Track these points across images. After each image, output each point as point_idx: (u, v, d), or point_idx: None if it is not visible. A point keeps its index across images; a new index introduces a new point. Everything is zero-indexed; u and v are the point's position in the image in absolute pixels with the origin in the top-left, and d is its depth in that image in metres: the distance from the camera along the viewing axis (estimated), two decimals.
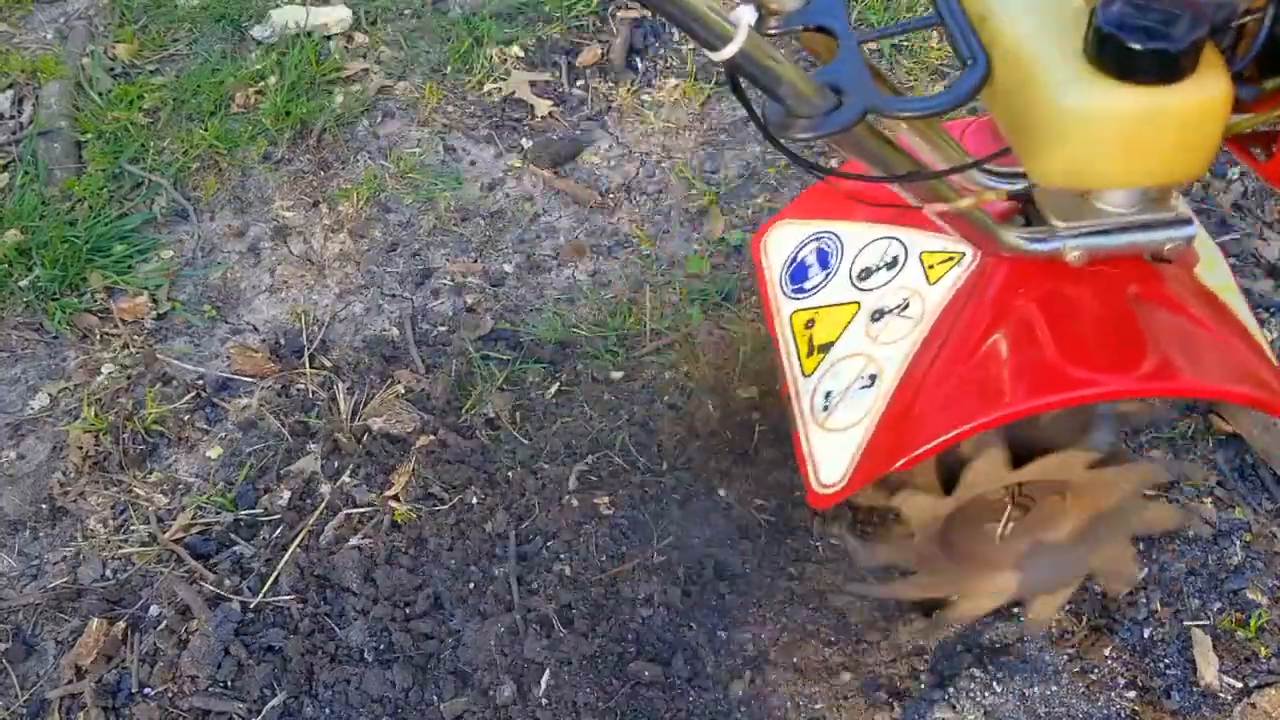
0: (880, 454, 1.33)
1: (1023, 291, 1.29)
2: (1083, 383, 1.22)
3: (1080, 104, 1.02)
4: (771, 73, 0.92)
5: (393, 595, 1.77)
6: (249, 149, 2.46)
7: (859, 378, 1.41)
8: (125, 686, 1.70)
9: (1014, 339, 1.27)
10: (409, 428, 1.96)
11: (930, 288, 1.40)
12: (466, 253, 2.29)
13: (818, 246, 1.59)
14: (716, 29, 0.87)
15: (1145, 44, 0.97)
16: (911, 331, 1.38)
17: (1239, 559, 1.83)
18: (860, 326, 1.46)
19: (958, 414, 1.26)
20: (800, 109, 0.96)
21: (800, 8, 1.10)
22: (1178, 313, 1.29)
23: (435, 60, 2.67)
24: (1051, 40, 1.04)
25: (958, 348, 1.31)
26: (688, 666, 1.70)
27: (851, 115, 0.96)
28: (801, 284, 1.58)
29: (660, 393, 2.01)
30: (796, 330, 1.54)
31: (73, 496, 1.92)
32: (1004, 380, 1.26)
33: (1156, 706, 1.68)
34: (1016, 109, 1.09)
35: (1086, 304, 1.28)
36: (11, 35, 2.76)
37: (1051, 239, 1.23)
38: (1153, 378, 1.22)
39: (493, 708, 1.66)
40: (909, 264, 1.45)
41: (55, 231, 2.24)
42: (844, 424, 1.39)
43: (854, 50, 1.04)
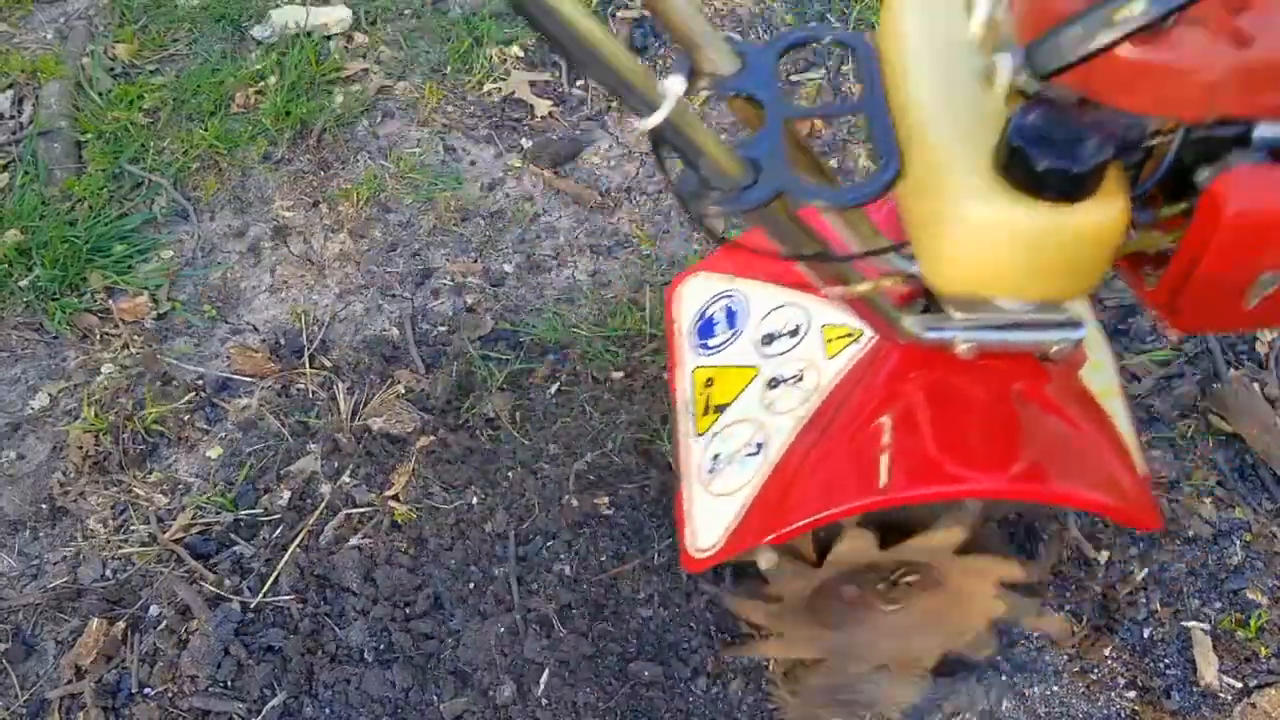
0: (755, 526, 1.34)
1: (911, 378, 1.31)
2: (955, 479, 1.24)
3: (983, 215, 1.01)
4: (693, 144, 0.93)
5: (393, 595, 1.77)
6: (249, 149, 2.46)
7: (747, 444, 1.43)
8: (125, 686, 1.70)
9: (897, 425, 1.29)
10: (409, 428, 1.96)
11: (827, 362, 1.42)
12: (466, 253, 2.29)
13: (727, 305, 1.61)
14: (646, 96, 0.87)
15: (1051, 162, 0.97)
16: (802, 404, 1.40)
17: (1239, 559, 1.83)
18: (756, 392, 1.48)
19: (833, 495, 1.28)
20: (716, 181, 0.97)
21: (734, 73, 1.10)
22: (1056, 415, 1.31)
23: (435, 60, 2.67)
24: (965, 148, 1.03)
25: (843, 427, 1.33)
26: (688, 666, 1.70)
27: (762, 195, 0.97)
28: (707, 340, 1.60)
29: (660, 393, 2.01)
30: (696, 386, 1.56)
31: (73, 496, 1.92)
32: (882, 466, 1.28)
33: (1156, 706, 1.69)
34: (922, 211, 1.09)
35: (971, 397, 1.30)
36: (11, 35, 2.76)
37: (945, 329, 1.24)
38: (1021, 479, 1.24)
39: (493, 708, 1.66)
40: (810, 335, 1.47)
41: (55, 231, 2.24)
42: (726, 490, 1.41)
43: (778, 126, 1.04)
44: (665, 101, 0.88)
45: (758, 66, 1.11)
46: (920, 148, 1.06)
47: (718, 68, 1.11)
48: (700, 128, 0.93)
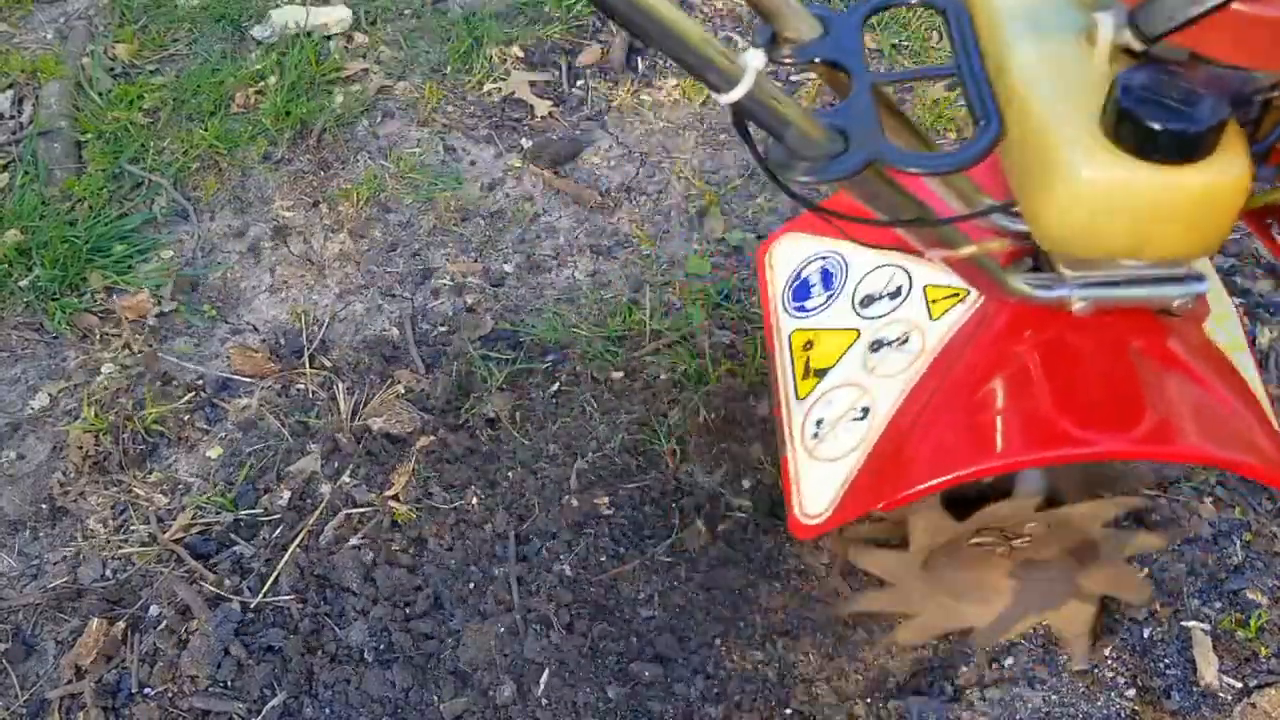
0: (866, 492, 1.31)
1: (1024, 338, 1.26)
2: (1077, 440, 1.20)
3: (1095, 178, 0.99)
4: (777, 115, 0.90)
5: (393, 595, 1.77)
6: (249, 149, 2.46)
7: (852, 409, 1.39)
8: (125, 686, 1.70)
9: (1011, 387, 1.25)
10: (409, 428, 1.96)
11: (932, 324, 1.38)
12: (466, 253, 2.29)
13: (822, 266, 1.57)
14: (725, 71, 0.85)
15: (1165, 124, 0.94)
16: (909, 367, 1.36)
17: (1239, 559, 1.83)
18: (858, 355, 1.44)
19: (948, 460, 1.25)
20: (804, 151, 0.94)
21: (817, 39, 1.07)
22: (1181, 371, 1.26)
23: (435, 60, 2.67)
24: (1070, 108, 1.01)
25: (954, 390, 1.29)
26: (688, 667, 1.70)
27: (854, 164, 0.94)
28: (803, 302, 1.55)
29: (660, 393, 2.01)
30: (794, 350, 1.52)
31: (73, 496, 1.92)
32: (997, 430, 1.24)
33: (1156, 706, 1.69)
34: (1029, 172, 1.06)
35: (1088, 356, 1.25)
36: (11, 35, 2.76)
37: (1057, 287, 1.20)
38: (1149, 440, 1.20)
39: (493, 708, 1.66)
40: (912, 296, 1.43)
41: (55, 231, 2.24)
42: (833, 455, 1.38)
43: (866, 92, 1.00)
44: (746, 75, 0.85)
45: (841, 31, 1.08)
46: (1022, 109, 1.03)
47: (800, 35, 1.08)
48: (784, 98, 0.90)
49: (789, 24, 1.07)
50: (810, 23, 1.08)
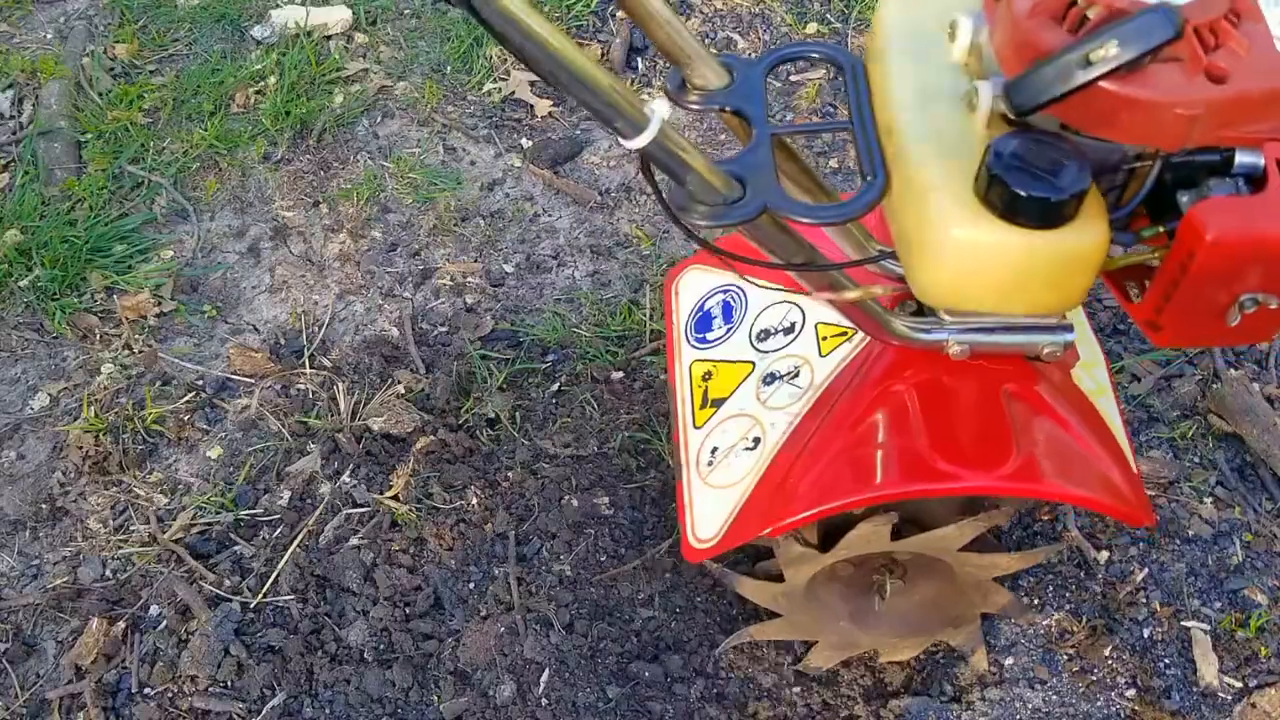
0: (753, 518, 1.37)
1: (904, 377, 1.33)
2: (947, 476, 1.27)
3: (964, 238, 1.04)
4: (681, 161, 0.95)
5: (393, 595, 1.77)
6: (249, 149, 2.46)
7: (744, 438, 1.46)
8: (125, 686, 1.70)
9: (891, 423, 1.32)
10: (409, 428, 1.96)
11: (821, 360, 1.45)
12: (466, 253, 2.29)
13: (724, 299, 1.64)
14: (632, 118, 0.89)
15: (1030, 190, 0.99)
16: (798, 401, 1.43)
17: (1239, 559, 1.83)
18: (752, 387, 1.51)
19: (830, 490, 1.31)
20: (703, 196, 0.99)
21: (723, 88, 1.14)
22: (1047, 415, 1.33)
23: (435, 60, 2.67)
24: (947, 170, 1.06)
25: (838, 424, 1.36)
26: (687, 667, 1.70)
27: (749, 211, 1.00)
28: (705, 334, 1.62)
29: (660, 393, 2.01)
30: (694, 379, 1.59)
31: (73, 496, 1.92)
32: (876, 463, 1.31)
33: (1156, 706, 1.69)
34: (907, 227, 1.11)
35: (962, 396, 1.32)
36: (11, 35, 2.76)
37: (936, 331, 1.26)
38: (1014, 478, 1.26)
39: (493, 708, 1.66)
40: (805, 332, 1.50)
41: (55, 231, 2.24)
42: (724, 482, 1.44)
43: (765, 141, 1.07)
44: (652, 123, 0.90)
45: (746, 82, 1.15)
46: (905, 167, 1.09)
47: (707, 82, 1.14)
48: (687, 147, 0.95)
49: (697, 71, 1.14)
50: (717, 71, 1.14)
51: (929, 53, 1.14)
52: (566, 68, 0.83)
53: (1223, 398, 1.98)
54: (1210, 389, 2.02)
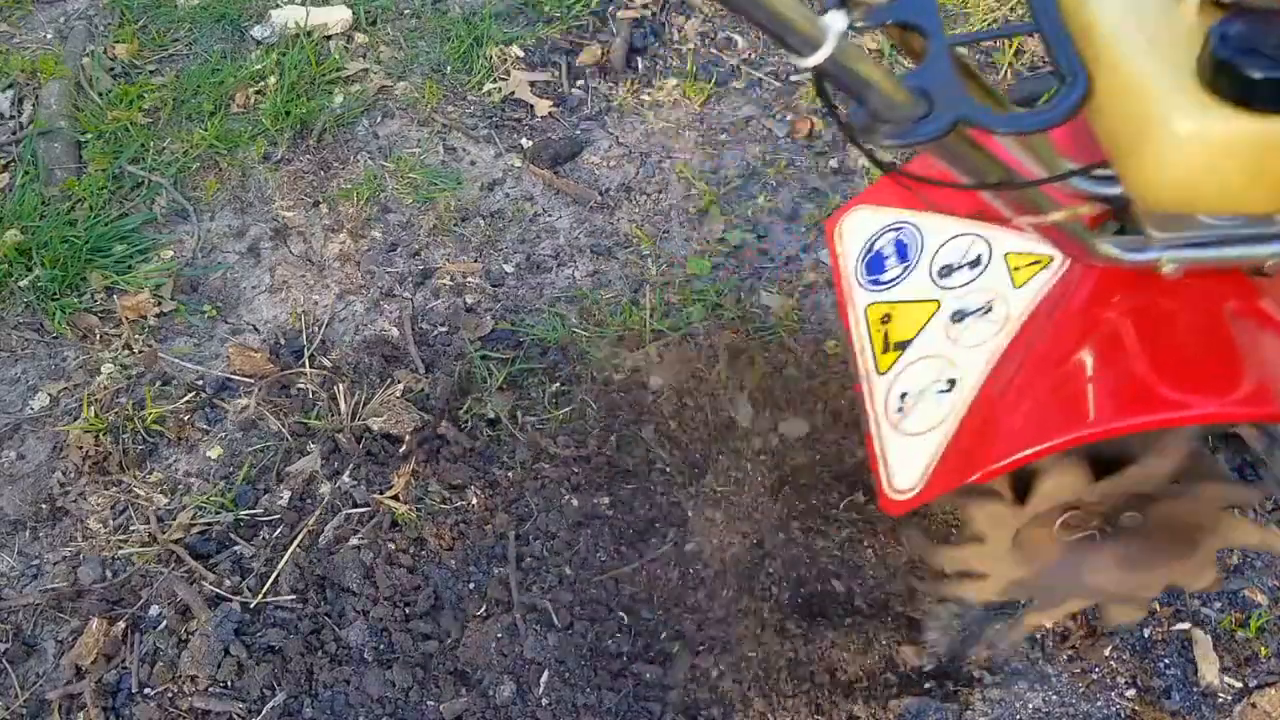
0: (958, 464, 1.29)
1: (1114, 303, 1.24)
2: (1174, 404, 1.17)
3: (1194, 131, 0.96)
4: (860, 78, 0.89)
5: (393, 595, 1.77)
6: (249, 149, 2.46)
7: (937, 381, 1.36)
8: (125, 686, 1.70)
9: (1103, 353, 1.23)
10: (409, 428, 1.96)
11: (1015, 292, 1.35)
12: (466, 253, 2.29)
13: (896, 237, 1.53)
14: (806, 35, 0.83)
15: (1265, 72, 0.92)
16: (994, 336, 1.33)
17: (1239, 559, 1.83)
18: (940, 326, 1.41)
19: (1041, 429, 1.22)
20: (887, 115, 0.92)
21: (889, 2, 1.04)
22: (1277, 331, 1.23)
23: (435, 60, 2.67)
24: (1162, 59, 0.99)
25: (1043, 358, 1.26)
26: (687, 667, 1.70)
27: (940, 126, 0.92)
28: (878, 275, 1.52)
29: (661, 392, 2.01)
30: (871, 324, 1.49)
31: (73, 496, 1.92)
32: (1090, 397, 1.22)
33: (1156, 706, 1.69)
34: (1121, 128, 1.04)
35: (1181, 319, 1.23)
36: (11, 35, 2.76)
37: (1146, 249, 1.18)
38: (1249, 402, 1.17)
39: (493, 708, 1.66)
40: (993, 264, 1.40)
41: (55, 231, 2.24)
42: (920, 428, 1.35)
43: (944, 52, 0.98)
44: (827, 38, 0.83)
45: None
46: (1111, 65, 1.01)
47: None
48: (866, 60, 0.89)
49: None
50: None
51: None
52: None
53: None
54: None
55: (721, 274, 2.21)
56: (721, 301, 2.14)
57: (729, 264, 2.23)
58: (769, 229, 2.30)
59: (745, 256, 2.25)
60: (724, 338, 2.07)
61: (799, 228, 2.31)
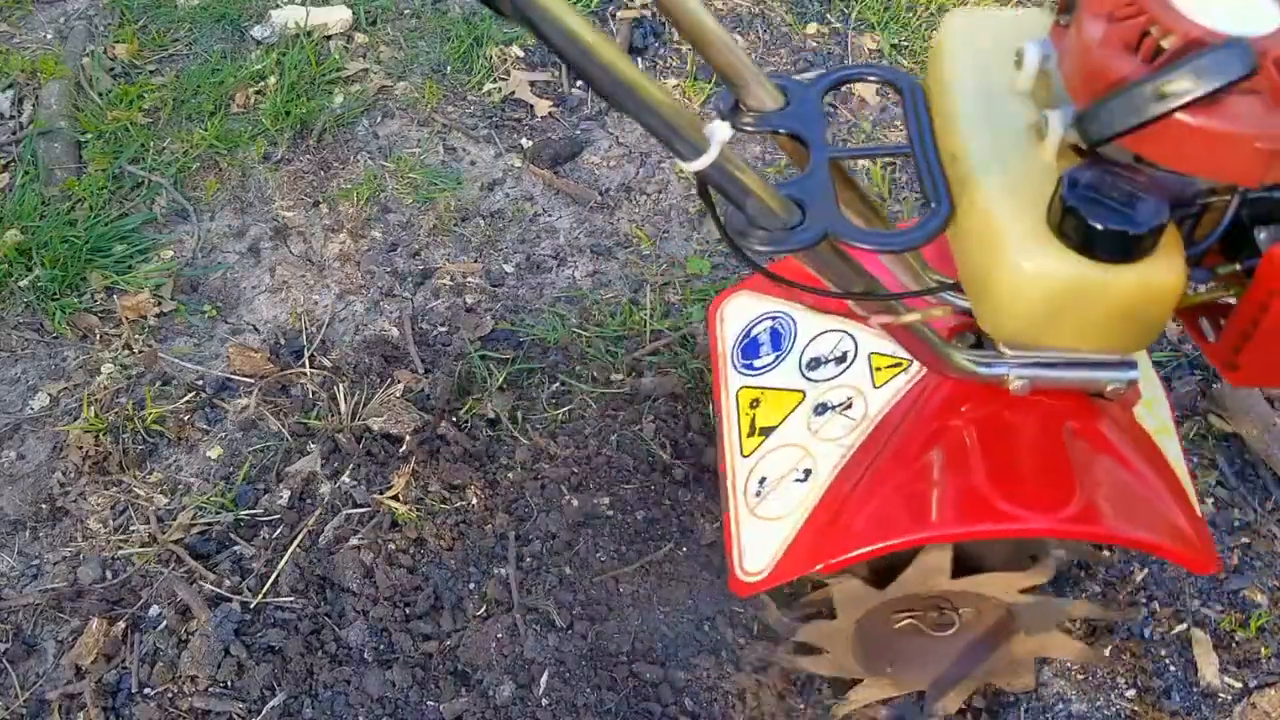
0: (805, 553, 1.34)
1: (963, 411, 1.30)
2: (1007, 517, 1.22)
3: (1038, 271, 1.00)
4: (739, 184, 0.93)
5: (393, 595, 1.77)
6: (249, 149, 2.46)
7: (794, 470, 1.42)
8: (125, 686, 1.70)
9: (948, 459, 1.28)
10: (409, 428, 1.96)
11: (875, 391, 1.41)
12: (466, 253, 2.29)
13: (772, 325, 1.60)
14: (692, 141, 0.88)
15: (1107, 223, 0.96)
16: (851, 433, 1.39)
17: (1239, 559, 1.83)
18: (802, 417, 1.47)
19: (886, 527, 1.27)
20: (762, 221, 0.97)
21: (778, 110, 1.11)
22: (1110, 454, 1.29)
23: (435, 60, 2.67)
24: (1017, 200, 1.02)
25: (893, 459, 1.32)
26: (687, 667, 1.70)
27: (810, 237, 0.97)
28: (752, 360, 1.59)
29: (660, 393, 2.01)
30: (741, 407, 1.55)
31: (73, 496, 1.92)
32: (933, 500, 1.27)
33: (1156, 706, 1.69)
34: (974, 258, 1.08)
35: (1023, 433, 1.29)
36: (11, 35, 2.76)
37: (996, 365, 1.23)
38: (1076, 520, 1.23)
39: (493, 708, 1.66)
40: (858, 362, 1.47)
41: (55, 231, 2.24)
42: (774, 514, 1.40)
43: (824, 165, 1.04)
44: (711, 145, 0.88)
45: (802, 104, 1.12)
46: (972, 196, 1.05)
47: (762, 104, 1.11)
48: (746, 170, 0.93)
49: (752, 93, 1.11)
50: (773, 93, 1.12)
51: (993, 79, 1.11)
52: (626, 88, 0.82)
53: (1223, 398, 1.98)
54: (1210, 389, 2.02)
55: (721, 274, 2.21)
56: None
57: (729, 264, 2.23)
58: None
59: None
60: None
61: None
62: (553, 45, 0.78)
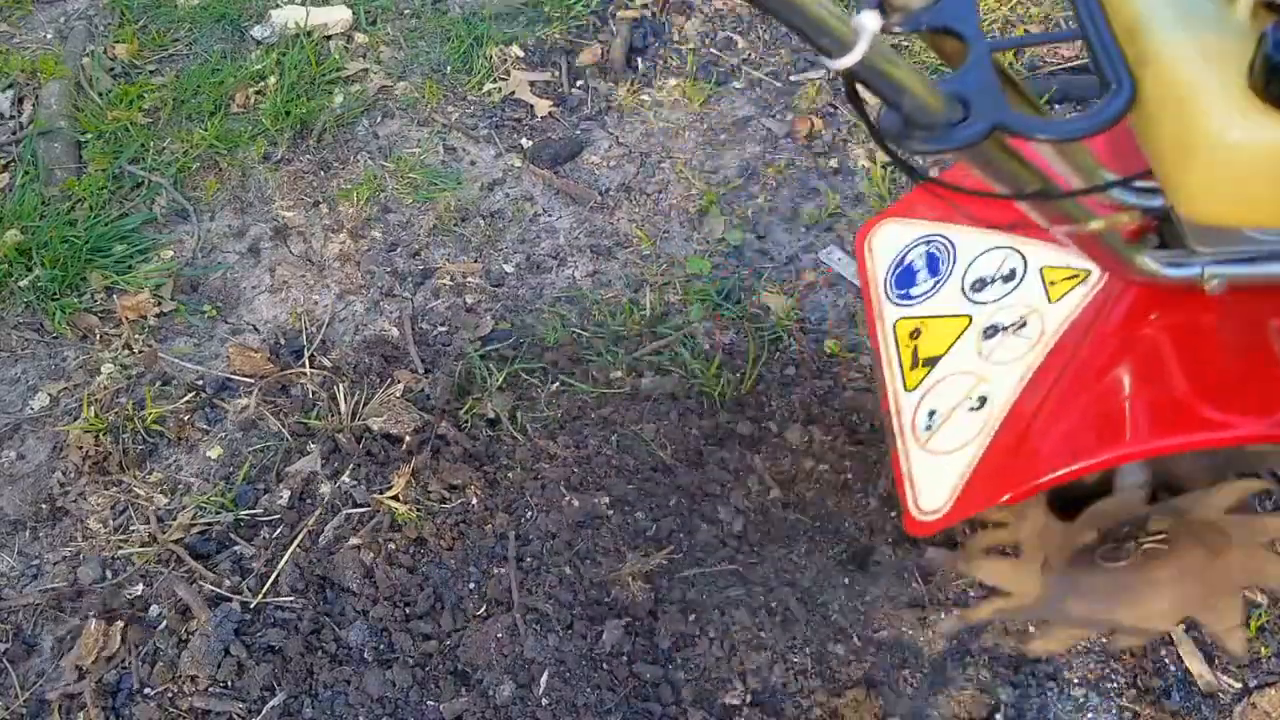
0: (988, 484, 1.25)
1: (1153, 319, 1.21)
2: (1215, 424, 1.14)
3: (1245, 140, 0.92)
4: (893, 81, 0.86)
5: (393, 595, 1.77)
6: (249, 149, 2.46)
7: (967, 398, 1.33)
8: (125, 686, 1.70)
9: (1141, 371, 1.19)
10: (409, 428, 1.96)
11: (1051, 307, 1.32)
12: (466, 253, 2.29)
13: (927, 250, 1.50)
14: (838, 36, 0.80)
15: None
16: (1028, 353, 1.30)
17: None
18: (971, 342, 1.37)
19: (1075, 449, 1.19)
20: (921, 120, 0.89)
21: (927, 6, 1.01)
22: None
23: (435, 60, 2.67)
24: (1212, 66, 0.94)
25: (1079, 376, 1.23)
26: (687, 667, 1.70)
27: (977, 131, 0.89)
28: (908, 289, 1.49)
29: (660, 392, 2.01)
30: (900, 339, 1.46)
31: (73, 496, 1.92)
32: (1128, 416, 1.19)
33: (1156, 706, 1.69)
34: (1167, 138, 0.99)
35: (1223, 336, 1.19)
36: (11, 35, 2.76)
37: (1189, 264, 1.15)
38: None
39: (493, 708, 1.66)
40: (1028, 278, 1.37)
41: (55, 231, 2.24)
42: (948, 447, 1.32)
43: (984, 58, 0.95)
44: (860, 39, 0.81)
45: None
46: (1158, 70, 0.97)
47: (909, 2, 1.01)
48: (900, 64, 0.86)
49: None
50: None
51: None
52: None
53: None
54: None
55: (721, 274, 2.21)
56: (721, 301, 2.14)
57: (729, 264, 2.23)
58: (769, 229, 2.31)
59: (745, 256, 2.25)
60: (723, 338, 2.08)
61: (799, 228, 2.31)
62: None
